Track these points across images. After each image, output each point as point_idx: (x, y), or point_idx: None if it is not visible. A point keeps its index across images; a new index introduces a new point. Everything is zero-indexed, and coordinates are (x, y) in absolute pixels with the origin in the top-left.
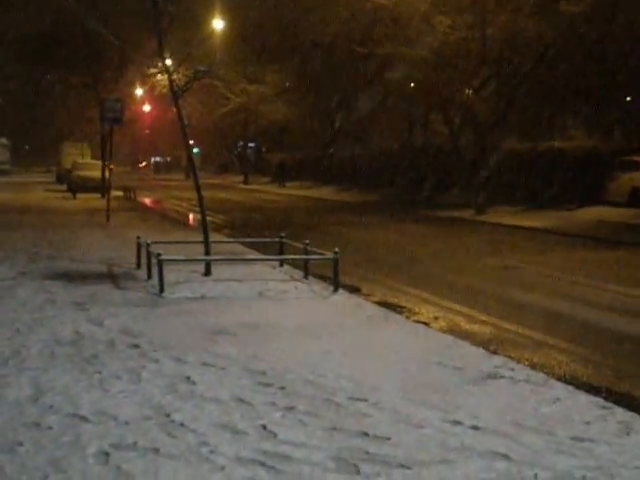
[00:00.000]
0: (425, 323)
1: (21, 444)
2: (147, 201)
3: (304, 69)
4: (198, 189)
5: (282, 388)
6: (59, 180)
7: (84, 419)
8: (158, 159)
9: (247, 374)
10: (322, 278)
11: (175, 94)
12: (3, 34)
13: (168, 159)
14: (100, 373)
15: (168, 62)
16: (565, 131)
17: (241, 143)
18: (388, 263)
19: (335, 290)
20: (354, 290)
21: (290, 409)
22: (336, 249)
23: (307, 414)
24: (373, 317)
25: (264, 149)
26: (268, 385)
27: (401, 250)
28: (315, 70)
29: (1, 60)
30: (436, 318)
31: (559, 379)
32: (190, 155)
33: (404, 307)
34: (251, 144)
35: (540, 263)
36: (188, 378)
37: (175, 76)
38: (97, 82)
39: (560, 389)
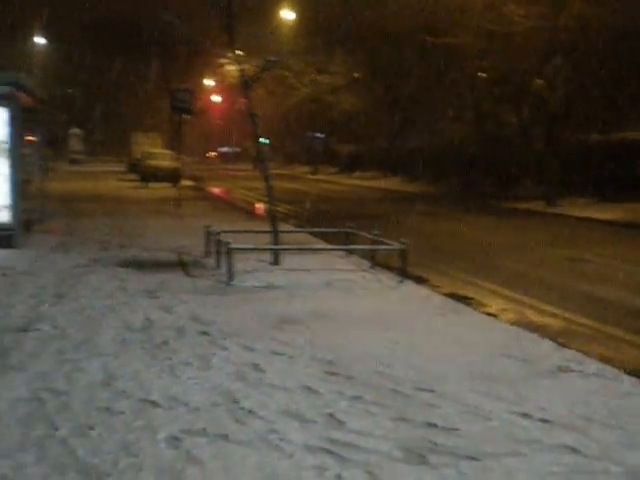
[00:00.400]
0: (493, 315)
1: (93, 428)
2: (216, 190)
3: (373, 59)
4: (267, 179)
5: (349, 377)
6: (130, 169)
7: (155, 404)
8: (227, 149)
9: (315, 363)
10: (390, 268)
11: (245, 84)
12: (75, 25)
13: (237, 149)
14: (170, 359)
15: (238, 53)
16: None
17: (309, 134)
18: (456, 254)
19: (403, 281)
20: (422, 281)
21: (357, 398)
22: (404, 239)
23: (374, 404)
24: (441, 308)
25: (332, 139)
26: (335, 374)
27: (469, 241)
28: (384, 60)
29: (74, 51)
30: (505, 310)
31: (630, 373)
32: (259, 145)
33: (472, 299)
34: (319, 134)
35: (612, 256)
36: (256, 366)
37: (245, 66)
38: (168, 73)
39: (631, 383)
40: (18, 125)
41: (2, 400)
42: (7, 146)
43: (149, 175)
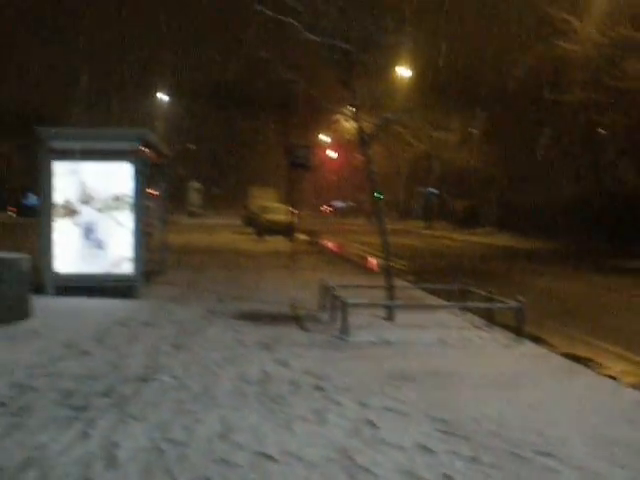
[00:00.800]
0: (614, 377)
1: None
2: (330, 244)
3: (490, 116)
4: (383, 234)
5: (465, 437)
6: (247, 223)
7: (271, 458)
8: (341, 203)
9: (429, 421)
10: (505, 327)
11: (363, 141)
12: (198, 83)
13: (351, 203)
14: (286, 413)
15: (355, 109)
16: None
17: (423, 188)
18: (574, 313)
19: (519, 339)
20: (538, 340)
21: (474, 460)
22: (520, 297)
23: (492, 466)
24: (559, 369)
25: (446, 195)
26: (451, 434)
27: (587, 300)
28: (500, 117)
29: (196, 108)
30: (626, 373)
31: None
32: (375, 201)
33: (591, 360)
34: (433, 190)
35: None
36: (371, 422)
37: (363, 123)
38: (286, 129)
39: None
40: (142, 179)
41: (124, 449)
42: (131, 200)
43: (265, 228)
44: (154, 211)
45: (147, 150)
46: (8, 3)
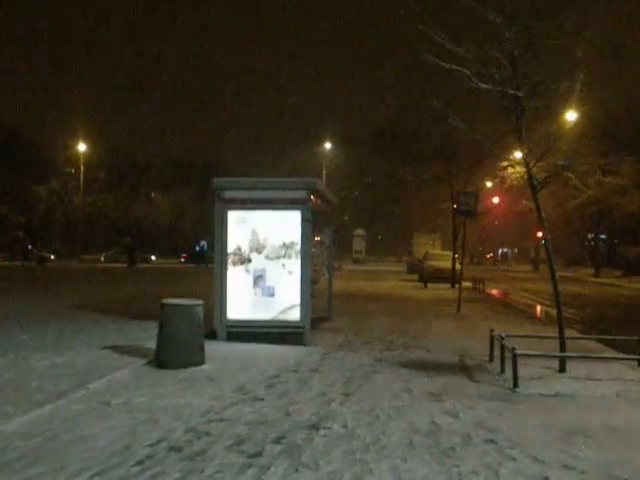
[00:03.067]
0: None
1: None
2: (495, 292)
3: None
4: (554, 283)
5: None
6: (410, 270)
7: None
8: (505, 250)
9: None
10: None
11: (533, 188)
12: (361, 131)
13: (515, 250)
14: (458, 467)
15: (526, 156)
16: None
17: (592, 235)
18: None
19: None
20: None
21: None
22: None
23: None
24: None
25: (615, 241)
26: None
27: None
28: None
29: (360, 155)
30: None
31: None
32: (548, 249)
33: None
34: (602, 236)
35: None
36: (547, 479)
37: (533, 170)
38: (451, 176)
39: None
40: (310, 227)
41: None
42: (299, 247)
43: (428, 275)
44: (321, 258)
45: (315, 198)
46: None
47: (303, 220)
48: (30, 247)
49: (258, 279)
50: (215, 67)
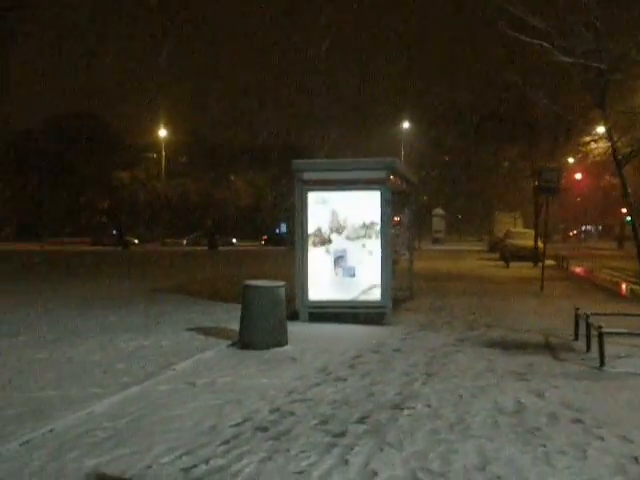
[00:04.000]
0: None
1: None
2: (579, 270)
3: None
4: None
5: None
6: (491, 249)
7: None
8: (588, 227)
9: None
10: None
11: (618, 163)
12: (441, 109)
13: (599, 227)
14: (544, 446)
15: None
16: None
17: None
18: None
19: None
20: None
21: None
22: None
23: None
24: None
25: None
26: None
27: None
28: None
29: (441, 135)
30: None
31: None
32: (634, 224)
33: None
34: None
35: None
36: (636, 459)
37: (617, 144)
38: (532, 152)
39: None
40: (390, 207)
41: (382, 478)
42: (380, 228)
43: (510, 254)
44: (400, 238)
45: (395, 178)
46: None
47: (383, 200)
48: (115, 232)
49: (339, 260)
50: (297, 53)
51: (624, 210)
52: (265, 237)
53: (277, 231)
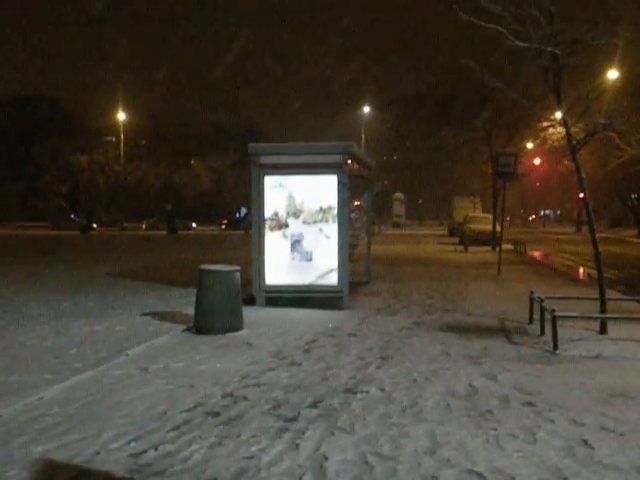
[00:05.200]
0: None
1: None
2: (536, 255)
3: None
4: (595, 244)
5: None
6: (451, 233)
7: (480, 476)
8: (547, 212)
9: None
10: None
11: (573, 148)
12: (399, 94)
13: (557, 212)
14: (495, 430)
15: (563, 115)
16: None
17: (635, 195)
18: None
19: None
20: None
21: None
22: None
23: None
24: None
25: None
26: None
27: None
28: None
29: (398, 119)
30: None
31: None
32: (588, 209)
33: None
34: None
35: None
36: (585, 442)
37: (572, 130)
38: (490, 138)
39: None
40: (347, 191)
41: (333, 462)
42: (336, 211)
43: (469, 238)
44: (358, 222)
45: (352, 162)
46: None
47: (340, 184)
48: (73, 216)
49: (296, 244)
50: (255, 35)
51: (582, 195)
52: (225, 221)
53: (237, 215)
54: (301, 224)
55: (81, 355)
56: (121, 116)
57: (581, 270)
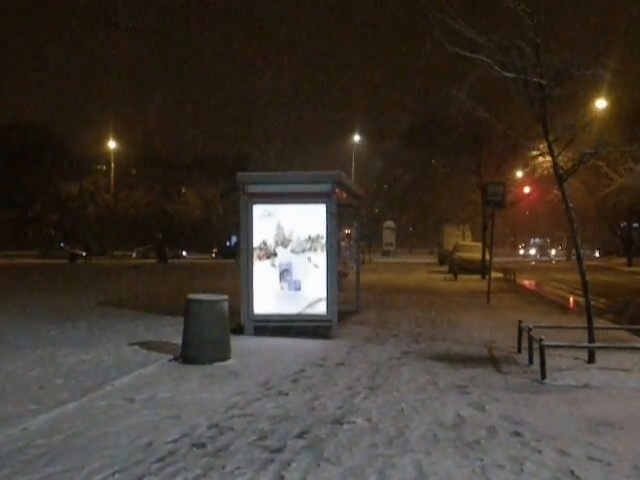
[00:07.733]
0: None
1: None
2: (526, 283)
3: None
4: (582, 273)
5: None
6: (441, 261)
7: None
8: (537, 240)
9: (637, 473)
10: None
11: (560, 177)
12: (390, 123)
13: (547, 240)
14: (482, 460)
15: (551, 144)
16: None
17: (624, 224)
18: None
19: None
20: None
21: None
22: None
23: None
24: None
25: None
26: None
27: None
28: None
29: (390, 149)
30: None
31: None
32: (575, 238)
33: None
34: (635, 224)
35: None
36: (572, 472)
37: (559, 159)
38: (480, 166)
39: None
40: (335, 220)
41: None
42: (324, 240)
43: (458, 267)
44: (348, 251)
45: (341, 191)
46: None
47: (328, 213)
48: (62, 245)
49: (284, 273)
50: (248, 67)
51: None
52: (215, 250)
53: (228, 244)
54: (290, 253)
55: (66, 385)
56: (112, 144)
57: (571, 298)
